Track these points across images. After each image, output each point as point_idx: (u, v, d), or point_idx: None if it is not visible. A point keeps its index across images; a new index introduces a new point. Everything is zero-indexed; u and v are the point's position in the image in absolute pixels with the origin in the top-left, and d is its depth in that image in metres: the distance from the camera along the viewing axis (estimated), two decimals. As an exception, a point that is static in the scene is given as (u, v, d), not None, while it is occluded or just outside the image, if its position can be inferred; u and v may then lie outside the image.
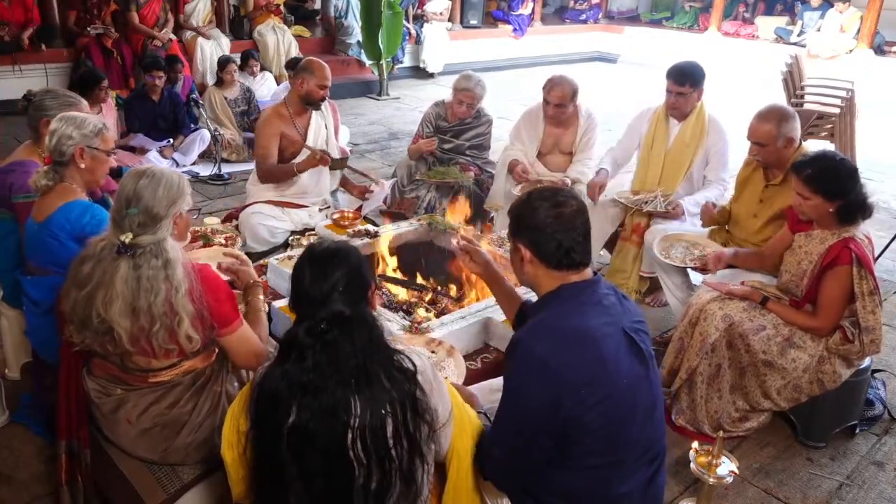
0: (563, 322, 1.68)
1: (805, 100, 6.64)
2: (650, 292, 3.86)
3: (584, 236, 1.75)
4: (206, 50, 7.90)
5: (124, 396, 2.03)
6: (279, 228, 3.77)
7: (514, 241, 1.81)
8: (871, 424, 2.94)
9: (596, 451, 1.64)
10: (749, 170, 3.24)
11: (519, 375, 1.66)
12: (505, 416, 1.70)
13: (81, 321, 1.93)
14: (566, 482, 1.69)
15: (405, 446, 1.53)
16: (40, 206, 2.39)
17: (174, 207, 1.96)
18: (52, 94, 2.81)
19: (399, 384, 1.54)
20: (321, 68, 3.69)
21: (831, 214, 2.57)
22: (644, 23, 13.71)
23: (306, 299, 1.57)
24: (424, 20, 10.40)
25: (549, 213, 1.72)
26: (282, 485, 1.52)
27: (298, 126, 3.79)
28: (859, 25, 10.36)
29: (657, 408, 1.77)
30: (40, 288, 2.42)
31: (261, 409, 1.54)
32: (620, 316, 1.72)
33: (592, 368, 1.61)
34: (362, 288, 1.61)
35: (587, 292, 1.74)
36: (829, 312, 2.61)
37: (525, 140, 4.16)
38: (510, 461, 1.70)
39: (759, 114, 3.04)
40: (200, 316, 1.93)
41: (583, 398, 1.59)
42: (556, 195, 1.78)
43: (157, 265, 1.88)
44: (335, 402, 1.48)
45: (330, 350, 1.51)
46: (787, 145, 2.99)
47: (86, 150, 2.38)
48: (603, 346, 1.63)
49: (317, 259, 1.60)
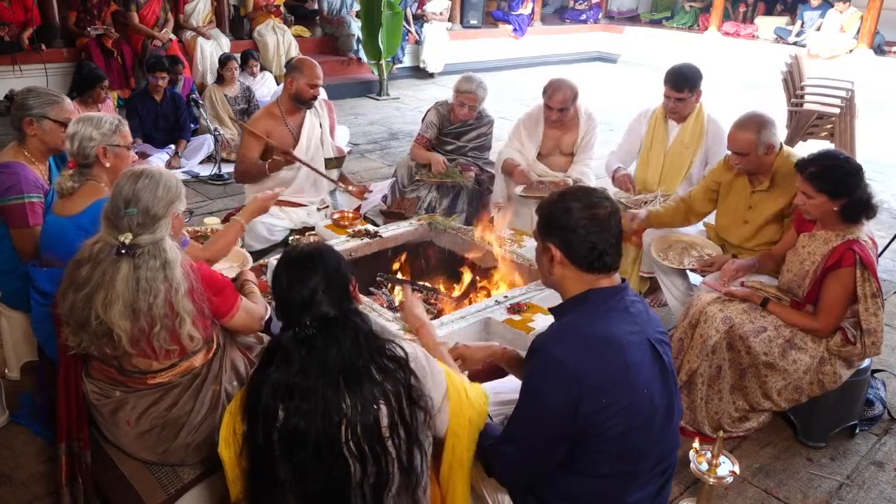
0: (589, 328, 1.65)
1: (805, 100, 6.63)
2: (650, 293, 3.86)
3: (617, 239, 1.70)
4: (206, 50, 7.90)
5: (123, 398, 2.03)
6: (277, 226, 3.77)
7: (544, 241, 1.75)
8: (871, 424, 2.95)
9: (611, 459, 1.62)
10: (731, 175, 3.18)
11: (539, 377, 1.64)
12: (521, 417, 1.68)
13: (79, 323, 1.91)
14: (576, 488, 1.67)
15: (402, 436, 1.54)
16: (68, 203, 2.40)
17: (172, 207, 1.96)
18: (34, 92, 2.78)
19: (392, 374, 1.55)
20: (311, 67, 3.68)
21: (835, 213, 2.56)
22: (644, 23, 13.71)
23: (289, 305, 1.57)
24: (424, 20, 10.39)
25: (584, 214, 1.67)
26: (277, 486, 1.53)
27: (291, 125, 3.78)
28: (859, 25, 10.36)
29: (674, 421, 1.75)
30: (52, 279, 2.40)
31: (251, 413, 1.54)
32: (646, 325, 1.69)
33: (616, 376, 1.58)
34: (343, 286, 1.61)
35: (615, 298, 1.70)
36: (831, 314, 2.61)
37: (525, 141, 4.16)
38: (522, 461, 1.69)
39: (737, 123, 3.00)
40: (202, 313, 1.94)
41: (604, 406, 1.56)
42: (591, 195, 1.72)
43: (156, 266, 1.88)
44: (325, 403, 1.48)
45: (317, 352, 1.51)
46: (768, 152, 2.97)
47: (108, 149, 2.40)
48: (628, 354, 1.60)
49: (293, 264, 1.61)
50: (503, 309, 2.77)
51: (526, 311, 2.75)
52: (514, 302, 2.80)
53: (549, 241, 1.73)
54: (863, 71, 9.42)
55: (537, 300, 2.84)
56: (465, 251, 3.46)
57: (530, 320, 2.69)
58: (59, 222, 2.40)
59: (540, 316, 2.72)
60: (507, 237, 3.42)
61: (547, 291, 2.89)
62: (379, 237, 3.42)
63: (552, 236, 1.72)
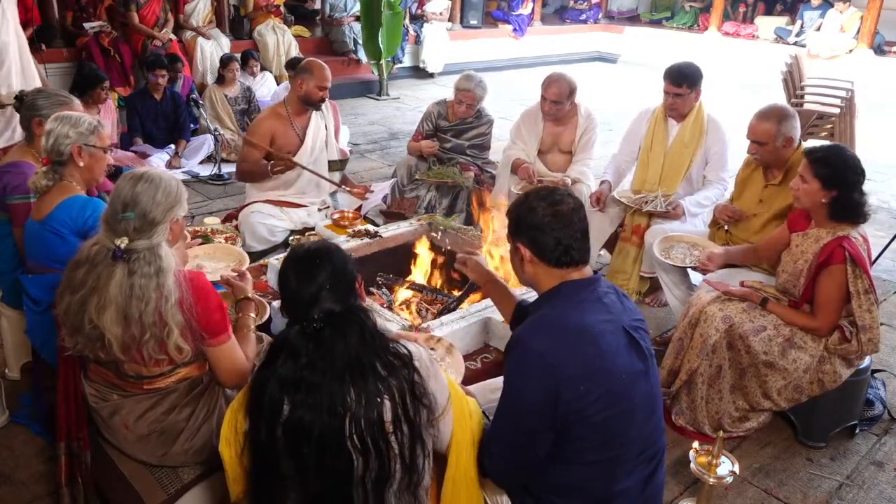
0: (563, 319, 1.69)
1: (805, 100, 6.64)
2: (650, 292, 3.86)
3: (582, 233, 1.76)
4: (205, 50, 7.89)
5: (120, 403, 2.02)
6: (278, 227, 3.77)
7: (514, 242, 1.82)
8: (871, 424, 2.95)
9: (595, 446, 1.65)
10: (749, 170, 3.25)
11: (517, 371, 1.67)
12: (504, 412, 1.71)
13: (74, 326, 1.90)
14: (564, 478, 1.70)
15: (405, 431, 1.54)
16: (40, 205, 2.39)
17: (171, 213, 1.93)
18: (44, 93, 2.79)
19: (396, 370, 1.56)
20: (321, 69, 3.69)
21: (823, 206, 2.57)
22: (644, 23, 13.72)
23: (296, 302, 1.58)
24: (424, 20, 10.39)
25: (547, 212, 1.74)
26: (279, 483, 1.53)
27: (297, 126, 3.79)
28: (859, 25, 10.37)
29: (656, 406, 1.78)
30: (41, 286, 2.42)
31: (255, 408, 1.55)
32: (620, 314, 1.73)
33: (591, 363, 1.62)
34: (349, 283, 1.62)
35: (588, 290, 1.75)
36: (827, 311, 2.61)
37: (525, 138, 4.17)
38: (509, 457, 1.71)
39: (759, 113, 3.05)
40: (190, 326, 1.90)
41: (583, 393, 1.60)
42: (553, 194, 1.79)
43: (150, 272, 1.85)
44: (331, 397, 1.49)
45: (323, 347, 1.52)
46: (787, 144, 2.99)
47: (83, 149, 2.38)
48: (602, 341, 1.64)
49: (300, 262, 1.61)
50: (503, 309, 2.77)
51: (526, 310, 2.75)
52: (514, 302, 2.80)
53: (518, 242, 1.81)
54: (863, 71, 9.42)
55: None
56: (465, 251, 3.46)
57: (530, 320, 2.69)
58: (33, 227, 2.39)
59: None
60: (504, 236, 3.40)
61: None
62: (379, 237, 3.43)
63: (521, 236, 1.80)
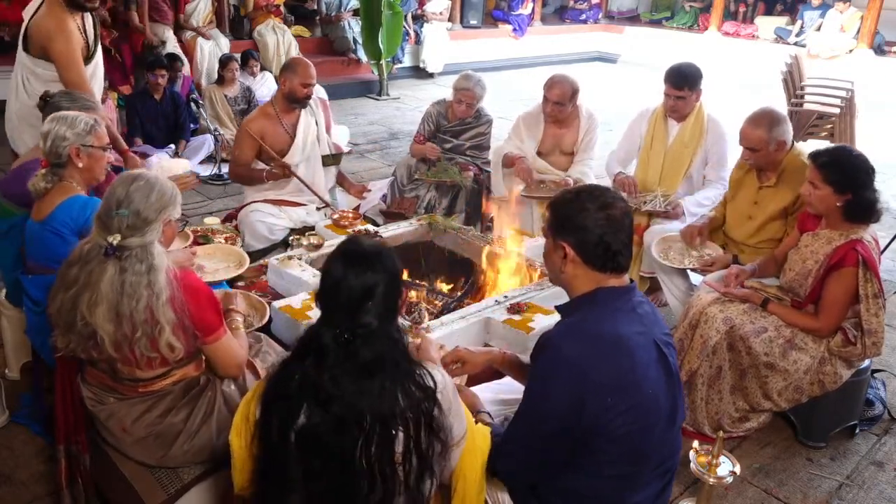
0: (597, 326, 1.65)
1: (805, 100, 6.63)
2: (650, 292, 3.85)
3: (629, 239, 1.71)
4: (205, 50, 7.89)
5: (116, 406, 2.02)
6: (277, 226, 3.77)
7: (556, 240, 1.74)
8: (871, 424, 2.94)
9: (615, 460, 1.62)
10: (742, 172, 3.22)
11: (545, 374, 1.64)
12: (525, 413, 1.68)
13: (66, 324, 1.90)
14: (578, 487, 1.67)
15: (414, 463, 1.51)
16: (40, 205, 2.39)
17: (164, 213, 1.93)
18: (69, 96, 2.80)
19: (416, 401, 1.50)
20: (304, 67, 3.70)
21: (838, 209, 2.55)
22: (644, 23, 13.71)
23: (337, 303, 1.51)
24: (424, 20, 10.39)
25: (599, 215, 1.66)
26: (284, 482, 1.52)
27: (287, 124, 3.79)
28: (859, 25, 10.37)
29: (677, 423, 1.75)
30: (40, 287, 2.42)
31: (271, 402, 1.52)
32: (653, 326, 1.70)
33: (625, 376, 1.58)
34: (396, 299, 1.55)
35: (623, 299, 1.70)
36: (832, 313, 2.61)
37: (524, 138, 4.15)
38: (522, 458, 1.69)
39: (749, 118, 3.01)
40: (182, 324, 1.90)
41: (610, 405, 1.56)
42: (605, 195, 1.72)
43: (141, 270, 1.85)
44: (347, 413, 1.46)
45: (351, 360, 1.48)
46: (779, 148, 2.98)
47: (81, 150, 2.38)
48: (637, 354, 1.61)
49: (356, 260, 1.52)
50: (503, 309, 2.77)
51: (526, 311, 2.76)
52: (513, 302, 2.81)
53: (561, 240, 1.71)
54: (863, 71, 9.41)
55: (537, 300, 2.84)
56: (465, 251, 3.47)
57: (530, 320, 2.69)
58: (34, 227, 2.39)
59: (540, 316, 2.72)
60: (507, 237, 3.41)
61: (547, 291, 2.90)
62: (379, 237, 3.42)
63: (566, 235, 1.70)
